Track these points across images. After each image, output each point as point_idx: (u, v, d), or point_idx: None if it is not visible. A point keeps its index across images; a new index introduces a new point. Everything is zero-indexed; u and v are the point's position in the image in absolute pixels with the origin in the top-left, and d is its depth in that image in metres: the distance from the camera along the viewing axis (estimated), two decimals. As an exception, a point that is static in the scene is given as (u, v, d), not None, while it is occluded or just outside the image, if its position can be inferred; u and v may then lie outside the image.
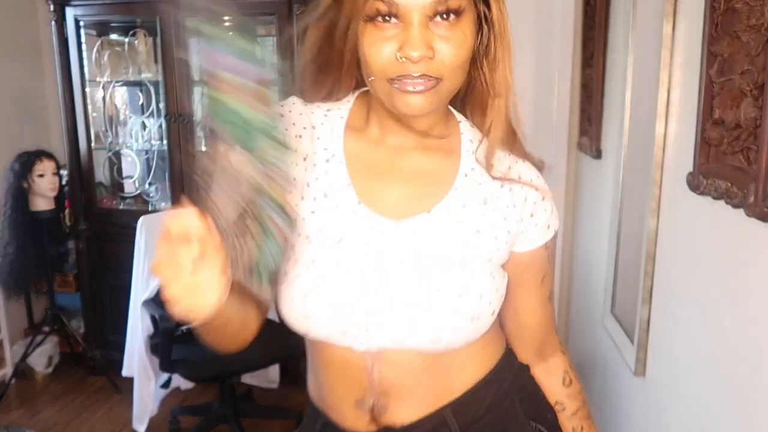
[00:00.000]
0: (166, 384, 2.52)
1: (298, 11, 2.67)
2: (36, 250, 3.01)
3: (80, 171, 3.05)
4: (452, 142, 0.86)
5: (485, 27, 0.79)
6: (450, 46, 0.73)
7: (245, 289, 0.70)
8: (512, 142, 0.86)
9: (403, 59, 0.72)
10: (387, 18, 0.72)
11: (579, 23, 2.97)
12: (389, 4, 0.71)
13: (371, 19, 0.73)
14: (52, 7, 2.88)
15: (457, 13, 0.73)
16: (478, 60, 0.81)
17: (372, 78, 0.76)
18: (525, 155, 0.88)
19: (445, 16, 0.72)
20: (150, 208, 3.08)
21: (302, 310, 0.80)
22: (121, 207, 3.18)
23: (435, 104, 0.76)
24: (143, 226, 2.46)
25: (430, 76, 0.73)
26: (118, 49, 3.06)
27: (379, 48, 0.73)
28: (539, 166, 0.89)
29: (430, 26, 0.72)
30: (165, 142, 2.93)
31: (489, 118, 0.83)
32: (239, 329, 0.84)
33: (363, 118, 0.85)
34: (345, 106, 0.85)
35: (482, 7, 0.78)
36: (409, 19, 0.71)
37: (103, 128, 3.10)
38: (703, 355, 1.38)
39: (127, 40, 3.03)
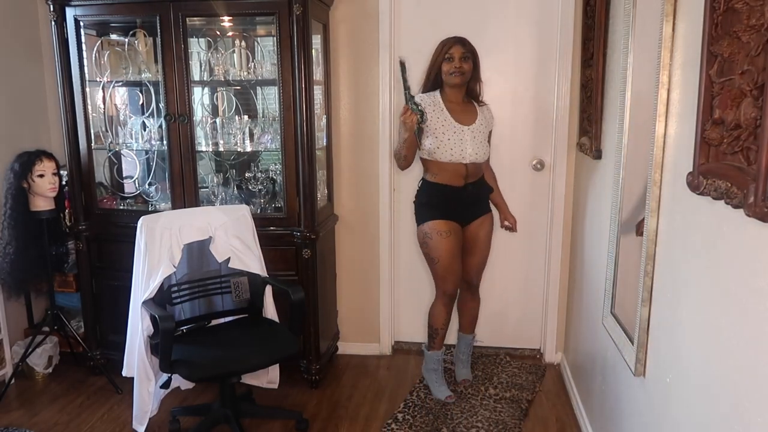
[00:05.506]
0: (166, 384, 2.52)
1: (298, 11, 2.67)
2: (36, 250, 3.01)
3: (80, 171, 3.05)
4: (472, 105, 2.86)
5: (473, 62, 2.78)
6: (467, 65, 2.75)
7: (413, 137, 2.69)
8: (479, 98, 2.90)
9: (453, 70, 2.74)
10: (449, 59, 2.73)
11: (579, 23, 2.98)
12: (449, 56, 2.73)
13: (444, 59, 2.74)
14: (52, 7, 2.88)
15: (467, 57, 2.75)
16: (473, 72, 2.80)
17: (444, 78, 2.77)
18: (481, 102, 2.90)
19: (465, 57, 2.74)
20: (150, 208, 3.08)
21: (431, 150, 2.76)
22: (121, 207, 3.18)
23: (463, 81, 2.77)
24: (143, 226, 2.46)
25: (462, 73, 2.75)
26: (118, 49, 3.06)
27: (448, 67, 2.73)
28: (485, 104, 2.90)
29: (462, 61, 2.73)
30: (165, 142, 2.93)
31: (477, 90, 2.89)
32: (412, 150, 2.79)
33: (445, 96, 2.80)
34: (437, 91, 2.82)
35: (474, 57, 2.78)
36: (456, 58, 2.73)
37: (103, 128, 3.10)
38: (702, 355, 1.38)
39: (127, 40, 3.03)
